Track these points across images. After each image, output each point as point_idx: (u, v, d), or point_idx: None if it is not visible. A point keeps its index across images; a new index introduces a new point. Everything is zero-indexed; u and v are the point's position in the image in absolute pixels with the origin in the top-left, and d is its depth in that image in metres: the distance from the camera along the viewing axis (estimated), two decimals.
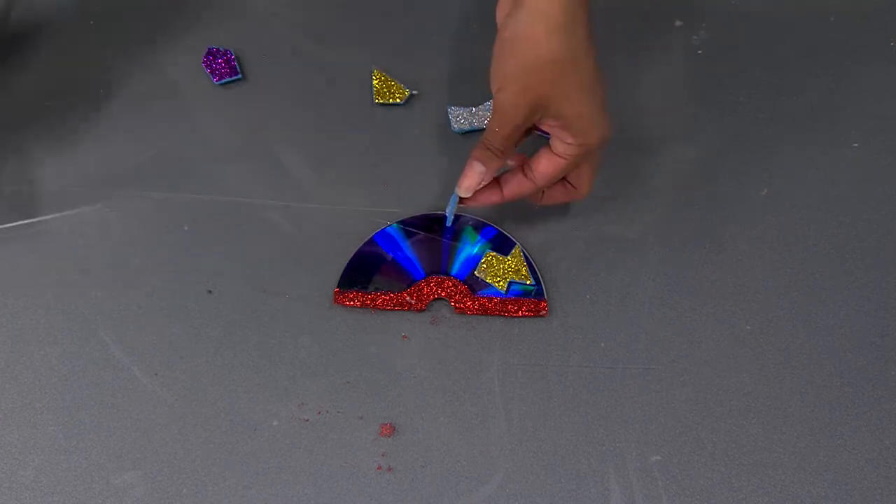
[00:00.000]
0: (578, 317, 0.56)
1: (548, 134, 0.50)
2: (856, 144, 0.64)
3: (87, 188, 0.60)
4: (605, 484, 0.50)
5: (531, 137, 0.52)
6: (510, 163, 0.53)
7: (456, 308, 0.56)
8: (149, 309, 0.56)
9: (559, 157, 0.50)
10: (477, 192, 0.53)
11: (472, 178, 0.52)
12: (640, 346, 0.55)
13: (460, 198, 0.53)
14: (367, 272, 0.57)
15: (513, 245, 0.58)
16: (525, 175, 0.52)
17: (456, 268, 0.57)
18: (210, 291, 0.57)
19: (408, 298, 0.56)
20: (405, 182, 0.61)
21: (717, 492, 0.50)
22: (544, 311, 0.56)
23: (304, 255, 0.58)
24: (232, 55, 0.65)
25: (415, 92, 0.65)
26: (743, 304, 0.57)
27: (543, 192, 0.54)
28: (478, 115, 0.63)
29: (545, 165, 0.51)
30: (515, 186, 0.53)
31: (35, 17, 0.69)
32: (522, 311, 0.56)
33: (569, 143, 0.49)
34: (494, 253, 0.58)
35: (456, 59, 0.67)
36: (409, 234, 0.58)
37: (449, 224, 0.56)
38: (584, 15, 0.46)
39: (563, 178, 0.53)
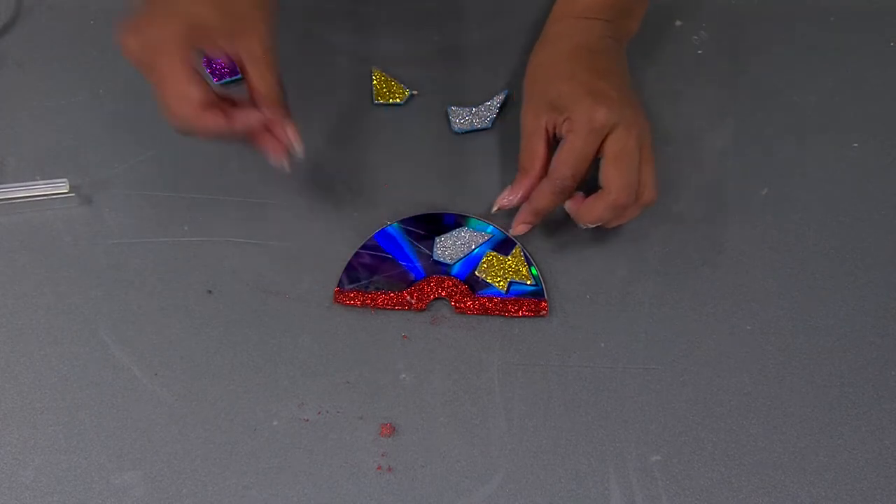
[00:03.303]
0: (578, 317, 0.56)
1: None
2: (856, 144, 0.64)
3: (87, 188, 0.60)
4: (605, 484, 0.50)
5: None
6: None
7: (456, 308, 0.56)
8: (149, 309, 0.56)
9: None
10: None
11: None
12: (640, 346, 0.55)
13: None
14: (367, 272, 0.57)
15: (513, 245, 0.58)
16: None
17: (456, 268, 0.57)
18: (210, 291, 0.57)
19: (408, 298, 0.56)
20: (405, 182, 0.61)
21: (717, 492, 0.50)
22: (544, 311, 0.56)
23: (304, 255, 0.58)
24: None
25: (415, 92, 0.65)
26: (743, 304, 0.57)
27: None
28: (478, 115, 0.63)
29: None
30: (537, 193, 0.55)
31: (36, 18, 0.69)
32: (522, 311, 0.56)
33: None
34: (495, 253, 0.58)
35: (456, 59, 0.67)
36: (409, 234, 0.58)
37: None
38: None
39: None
